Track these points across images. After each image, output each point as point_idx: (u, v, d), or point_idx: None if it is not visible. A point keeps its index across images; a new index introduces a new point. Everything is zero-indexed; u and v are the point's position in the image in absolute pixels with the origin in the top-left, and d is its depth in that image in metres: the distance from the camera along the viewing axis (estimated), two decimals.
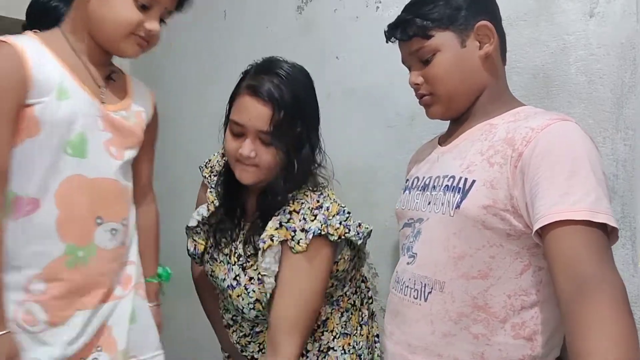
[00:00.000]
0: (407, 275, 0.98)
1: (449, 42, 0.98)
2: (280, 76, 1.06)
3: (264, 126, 1.04)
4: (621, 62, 1.01)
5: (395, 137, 1.43)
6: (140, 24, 1.02)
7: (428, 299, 0.93)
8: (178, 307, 2.28)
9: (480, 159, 0.92)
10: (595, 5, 1.06)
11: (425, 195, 1.00)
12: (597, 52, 1.05)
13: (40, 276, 0.99)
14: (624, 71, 1.01)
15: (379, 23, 1.51)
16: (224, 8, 2.13)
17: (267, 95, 1.03)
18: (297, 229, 1.05)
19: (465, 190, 0.91)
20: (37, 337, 1.00)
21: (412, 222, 1.02)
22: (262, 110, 1.04)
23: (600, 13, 1.05)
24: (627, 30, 1.01)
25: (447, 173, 0.97)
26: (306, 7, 1.75)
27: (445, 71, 0.98)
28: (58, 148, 0.99)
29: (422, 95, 1.04)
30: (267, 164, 1.07)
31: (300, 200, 1.10)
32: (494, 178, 0.88)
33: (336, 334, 1.17)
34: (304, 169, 1.09)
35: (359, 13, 1.57)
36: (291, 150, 1.07)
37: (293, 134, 1.06)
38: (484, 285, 0.89)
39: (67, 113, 0.99)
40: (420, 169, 1.09)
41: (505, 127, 0.93)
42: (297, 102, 1.05)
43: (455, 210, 0.91)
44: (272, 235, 1.06)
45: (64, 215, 1.01)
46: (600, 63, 1.04)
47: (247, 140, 1.06)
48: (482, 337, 0.89)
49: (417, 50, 1.00)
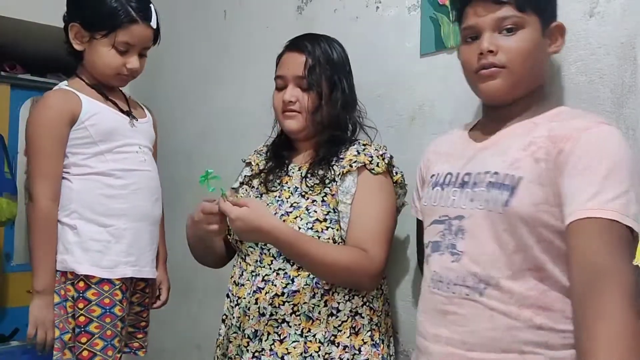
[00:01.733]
0: (453, 273, 0.97)
1: (535, 25, 0.98)
2: (313, 35, 1.31)
3: (299, 71, 1.23)
4: (621, 62, 1.01)
5: (395, 137, 1.43)
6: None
7: (484, 294, 0.92)
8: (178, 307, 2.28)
9: (523, 154, 0.93)
10: (595, 5, 1.06)
11: (466, 192, 0.98)
12: (597, 52, 1.05)
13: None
14: (624, 71, 1.01)
15: (379, 23, 1.51)
16: (224, 8, 2.13)
17: (301, 46, 1.26)
18: (373, 155, 1.21)
19: (513, 188, 0.91)
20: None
21: (447, 219, 1.00)
22: (297, 58, 1.25)
23: (600, 13, 1.05)
24: (627, 30, 1.01)
25: (488, 169, 0.96)
26: (306, 7, 1.75)
27: (527, 49, 0.97)
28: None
29: (491, 65, 0.98)
30: (307, 107, 1.23)
31: (369, 142, 1.28)
32: (540, 174, 0.90)
33: (366, 301, 1.21)
34: (342, 112, 1.26)
35: (359, 13, 1.56)
36: (326, 93, 1.23)
37: (327, 78, 1.24)
38: (539, 276, 0.91)
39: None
40: (453, 165, 1.05)
41: (547, 125, 0.95)
42: (328, 54, 1.26)
43: (504, 208, 0.91)
44: (351, 161, 1.20)
45: None
46: (600, 63, 1.04)
47: (289, 87, 1.25)
48: (545, 326, 0.89)
49: (505, 18, 0.97)
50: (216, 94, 2.17)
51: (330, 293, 1.18)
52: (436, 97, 1.35)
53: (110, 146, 1.33)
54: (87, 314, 1.26)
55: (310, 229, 1.17)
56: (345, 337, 1.17)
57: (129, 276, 1.33)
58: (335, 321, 1.17)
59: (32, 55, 3.04)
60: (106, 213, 1.32)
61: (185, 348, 2.23)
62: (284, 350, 1.16)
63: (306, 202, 1.21)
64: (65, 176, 1.32)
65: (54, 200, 1.29)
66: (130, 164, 1.36)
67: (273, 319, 1.18)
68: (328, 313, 1.17)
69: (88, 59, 1.34)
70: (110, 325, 1.28)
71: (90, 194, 1.31)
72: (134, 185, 1.35)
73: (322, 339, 1.16)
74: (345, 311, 1.18)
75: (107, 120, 1.35)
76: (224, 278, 1.56)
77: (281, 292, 1.17)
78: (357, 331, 1.19)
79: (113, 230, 1.32)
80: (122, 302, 1.31)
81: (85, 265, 1.28)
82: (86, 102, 1.32)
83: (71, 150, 1.32)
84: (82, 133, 1.31)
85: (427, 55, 1.37)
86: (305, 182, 1.23)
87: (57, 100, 1.32)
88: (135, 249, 1.35)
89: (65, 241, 1.30)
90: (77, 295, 1.27)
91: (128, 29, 1.30)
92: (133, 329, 1.44)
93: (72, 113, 1.30)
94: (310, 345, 1.16)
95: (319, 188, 1.21)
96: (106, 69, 1.33)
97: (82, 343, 1.26)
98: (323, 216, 1.18)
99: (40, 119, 1.31)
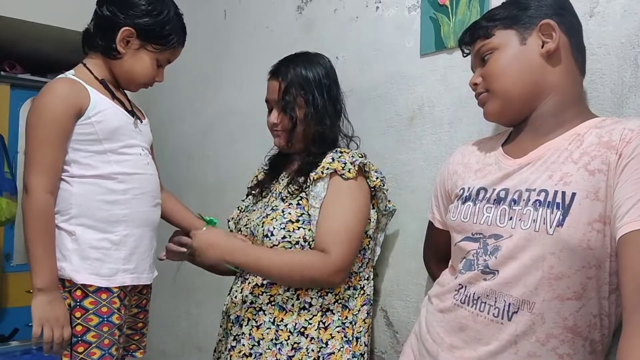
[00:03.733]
0: (483, 291, 0.93)
1: (509, 40, 0.97)
2: (291, 58, 1.39)
3: (276, 96, 1.34)
4: (621, 62, 1.01)
5: (395, 137, 1.43)
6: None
7: (512, 319, 0.89)
8: (178, 307, 2.28)
9: (574, 167, 0.87)
10: (595, 5, 1.05)
11: (502, 209, 0.94)
12: (597, 52, 1.05)
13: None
14: (624, 71, 1.01)
15: (379, 23, 1.51)
16: (224, 8, 2.13)
17: (276, 73, 1.37)
18: (347, 162, 1.27)
19: (566, 206, 0.85)
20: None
21: (481, 237, 0.96)
22: (273, 84, 1.36)
23: (600, 13, 1.05)
24: (627, 30, 1.01)
25: (534, 187, 0.90)
26: (306, 7, 1.75)
27: (500, 67, 0.97)
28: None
29: (479, 94, 1.03)
30: (286, 127, 1.34)
31: (347, 150, 1.33)
32: (598, 188, 0.84)
33: (338, 299, 1.29)
34: (318, 127, 1.33)
35: (359, 13, 1.56)
36: (300, 113, 1.33)
37: (302, 99, 1.33)
38: (576, 306, 0.86)
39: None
40: (485, 179, 1.01)
41: (594, 132, 0.89)
42: (301, 76, 1.34)
43: (556, 229, 0.85)
44: (324, 167, 1.27)
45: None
46: (600, 63, 1.04)
47: (273, 110, 1.37)
48: (566, 356, 0.87)
49: (478, 51, 1.01)
50: (216, 94, 2.17)
51: (303, 288, 1.27)
52: (436, 97, 1.35)
53: (114, 146, 1.29)
54: (84, 323, 1.23)
55: (283, 229, 1.27)
56: (313, 329, 1.25)
57: (127, 284, 1.30)
58: (307, 314, 1.26)
59: (32, 55, 3.04)
60: (107, 219, 1.27)
61: (185, 348, 2.23)
62: (259, 336, 1.27)
63: (284, 205, 1.31)
64: (66, 177, 1.26)
65: (52, 193, 1.23)
66: (133, 166, 1.31)
67: (252, 306, 1.29)
68: (300, 306, 1.26)
69: (127, 62, 1.33)
70: (107, 334, 1.24)
71: (90, 199, 1.26)
72: (136, 189, 1.31)
73: (292, 329, 1.25)
74: (316, 306, 1.27)
75: (114, 118, 1.30)
76: (224, 278, 1.56)
77: (261, 282, 1.30)
78: (327, 326, 1.27)
79: (113, 237, 1.28)
80: (120, 310, 1.27)
81: (84, 274, 1.24)
82: (94, 97, 1.27)
83: (74, 146, 1.25)
84: (88, 129, 1.26)
85: (427, 55, 1.37)
86: (287, 188, 1.34)
87: (64, 90, 1.25)
88: (135, 255, 1.31)
89: (64, 248, 1.25)
90: (74, 304, 1.23)
91: (175, 49, 1.39)
92: (130, 330, 1.42)
93: (80, 105, 1.24)
94: (281, 333, 1.25)
95: (297, 193, 1.31)
96: (142, 78, 1.36)
97: (78, 353, 1.22)
98: (296, 217, 1.28)
99: (46, 106, 1.23)
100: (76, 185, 1.26)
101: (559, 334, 0.87)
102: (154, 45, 1.33)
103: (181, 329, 2.25)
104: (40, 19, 2.49)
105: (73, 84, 1.27)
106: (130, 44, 1.32)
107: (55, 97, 1.24)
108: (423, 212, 1.25)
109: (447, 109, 1.32)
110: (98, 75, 1.33)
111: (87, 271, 1.25)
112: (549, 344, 0.87)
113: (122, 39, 1.30)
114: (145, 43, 1.32)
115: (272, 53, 1.36)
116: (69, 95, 1.24)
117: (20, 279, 2.91)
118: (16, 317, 2.83)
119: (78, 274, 1.24)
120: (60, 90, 1.25)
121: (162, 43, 1.34)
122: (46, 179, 1.22)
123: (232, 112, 2.07)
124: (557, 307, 0.87)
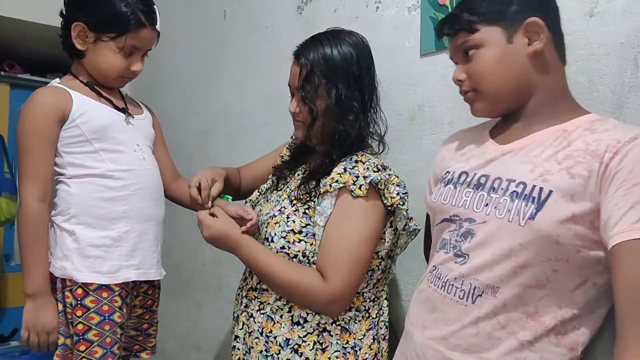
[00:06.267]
0: (452, 274, 0.95)
1: (495, 37, 0.96)
2: (314, 38, 1.21)
3: (296, 83, 1.19)
4: (621, 62, 1.01)
5: (395, 137, 1.43)
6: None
7: (476, 302, 0.91)
8: (178, 307, 2.28)
9: (557, 167, 0.88)
10: (595, 5, 1.06)
11: (480, 195, 0.95)
12: (597, 52, 1.05)
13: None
14: (624, 71, 1.01)
15: (379, 23, 1.51)
16: (224, 8, 2.13)
17: (298, 56, 1.20)
18: (360, 175, 1.12)
19: (541, 201, 0.87)
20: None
21: (458, 220, 0.98)
22: (294, 68, 1.21)
23: (600, 13, 1.05)
24: (627, 30, 1.01)
25: (514, 177, 0.92)
26: (306, 7, 1.75)
27: (488, 67, 0.96)
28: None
29: (465, 92, 1.02)
30: (306, 119, 1.20)
31: (368, 156, 1.19)
32: (575, 191, 0.85)
33: (336, 320, 1.17)
34: (337, 124, 1.17)
35: (359, 13, 1.57)
36: (320, 106, 1.17)
37: (323, 89, 1.16)
38: (539, 294, 0.88)
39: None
40: (468, 163, 1.03)
41: (583, 138, 0.89)
42: (327, 60, 1.16)
43: (528, 221, 0.87)
44: (333, 179, 1.13)
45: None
46: (600, 63, 1.04)
47: (294, 97, 1.23)
48: (527, 343, 0.88)
49: (461, 45, 0.99)
50: (216, 94, 2.17)
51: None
52: (436, 97, 1.35)
53: (105, 145, 1.30)
54: (85, 322, 1.24)
55: (283, 238, 1.17)
56: (308, 349, 1.15)
57: (133, 280, 1.31)
58: (300, 331, 1.16)
59: (32, 55, 3.04)
60: (106, 216, 1.29)
61: (185, 349, 2.23)
62: (251, 343, 1.20)
63: (290, 209, 1.20)
64: (63, 179, 1.28)
65: (43, 200, 1.26)
66: (129, 163, 1.32)
67: (246, 310, 1.24)
68: (294, 320, 1.16)
69: (90, 59, 1.32)
70: (109, 333, 1.25)
71: (88, 198, 1.28)
72: (134, 185, 1.32)
73: (283, 344, 1.16)
74: (312, 323, 1.16)
75: (99, 117, 1.31)
76: (224, 278, 1.56)
77: (255, 287, 1.23)
78: (324, 348, 1.16)
79: (114, 233, 1.29)
80: (122, 309, 1.28)
81: (85, 273, 1.25)
82: (77, 100, 1.28)
83: (65, 150, 1.28)
84: (75, 131, 1.28)
85: (427, 55, 1.37)
86: (298, 190, 1.21)
87: (45, 98, 1.28)
88: (139, 251, 1.32)
89: (65, 247, 1.26)
90: (75, 303, 1.24)
91: (137, 33, 1.29)
92: (135, 332, 1.43)
93: (62, 111, 1.26)
94: (272, 346, 1.17)
95: (306, 200, 1.19)
96: (111, 71, 1.31)
97: (80, 351, 1.23)
98: (299, 228, 1.17)
99: (28, 116, 1.27)
100: (74, 185, 1.28)
101: (518, 318, 0.89)
102: (108, 35, 1.28)
103: (181, 329, 2.25)
104: (40, 19, 2.49)
105: (54, 92, 1.30)
106: (88, 39, 1.29)
107: (35, 106, 1.28)
108: (423, 212, 1.25)
109: (447, 109, 1.32)
110: (84, 79, 1.35)
111: (88, 270, 1.26)
112: (509, 327, 0.89)
113: (76, 36, 1.30)
114: (99, 34, 1.28)
115: (272, 53, 1.36)
116: (50, 103, 1.27)
117: (20, 279, 2.86)
118: (16, 317, 2.81)
119: (79, 272, 1.25)
120: (41, 100, 1.28)
121: (114, 31, 1.27)
122: (36, 186, 1.25)
123: (232, 112, 2.07)
124: (519, 293, 0.89)
